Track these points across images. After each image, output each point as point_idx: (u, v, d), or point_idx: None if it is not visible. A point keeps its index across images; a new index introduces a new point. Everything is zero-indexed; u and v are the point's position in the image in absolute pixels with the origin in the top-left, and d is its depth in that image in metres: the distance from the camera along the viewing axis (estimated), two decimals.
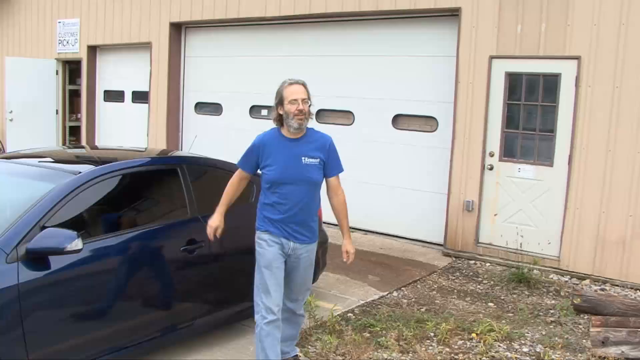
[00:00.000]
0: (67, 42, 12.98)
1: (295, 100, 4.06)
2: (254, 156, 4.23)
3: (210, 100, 11.07)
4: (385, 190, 8.79)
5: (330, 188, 4.32)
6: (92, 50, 12.76)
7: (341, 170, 4.34)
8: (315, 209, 4.29)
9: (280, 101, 4.14)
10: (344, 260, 4.34)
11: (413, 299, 6.26)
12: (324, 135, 4.31)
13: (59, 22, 13.09)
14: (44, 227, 3.75)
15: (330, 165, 4.23)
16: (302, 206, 4.15)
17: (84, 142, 12.96)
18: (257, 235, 4.27)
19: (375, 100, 8.76)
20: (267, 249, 4.16)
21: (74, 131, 13.68)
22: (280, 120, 4.19)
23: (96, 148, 8.14)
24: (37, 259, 3.68)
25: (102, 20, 12.25)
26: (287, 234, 4.15)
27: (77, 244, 3.68)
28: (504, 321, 5.62)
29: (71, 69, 13.54)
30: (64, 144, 13.43)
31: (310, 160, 4.13)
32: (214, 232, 4.29)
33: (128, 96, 12.49)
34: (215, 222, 4.29)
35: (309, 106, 4.14)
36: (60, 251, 3.63)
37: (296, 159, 4.11)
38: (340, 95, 9.17)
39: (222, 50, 10.73)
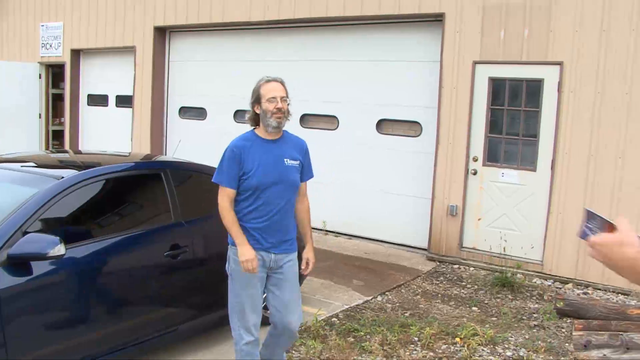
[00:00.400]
0: (51, 46, 12.89)
1: (273, 98, 3.85)
2: (236, 165, 3.84)
3: (194, 104, 11.04)
4: (370, 195, 8.81)
5: (300, 192, 4.08)
6: (76, 54, 12.68)
7: (312, 175, 4.17)
8: (293, 215, 4.06)
9: (257, 99, 3.92)
10: (302, 268, 4.07)
11: (397, 304, 6.28)
12: (299, 137, 4.17)
13: (42, 26, 13.01)
14: (26, 233, 3.73)
15: (305, 169, 4.06)
16: (285, 210, 3.90)
17: (67, 147, 12.87)
18: (230, 251, 3.97)
19: (360, 104, 8.78)
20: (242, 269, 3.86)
21: (57, 135, 13.58)
22: (256, 120, 3.95)
23: (79, 153, 8.10)
24: (18, 264, 3.65)
25: (85, 23, 12.18)
26: (268, 245, 3.87)
27: (60, 249, 3.66)
28: (487, 325, 5.65)
29: (54, 72, 13.44)
30: (47, 148, 13.33)
31: (292, 162, 3.92)
32: (254, 264, 3.79)
33: (112, 100, 12.42)
34: (251, 254, 3.78)
35: (288, 105, 3.94)
36: (42, 257, 3.60)
37: (278, 160, 3.87)
38: (325, 100, 9.19)
39: (207, 54, 10.72)
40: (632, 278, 1.54)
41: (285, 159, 3.90)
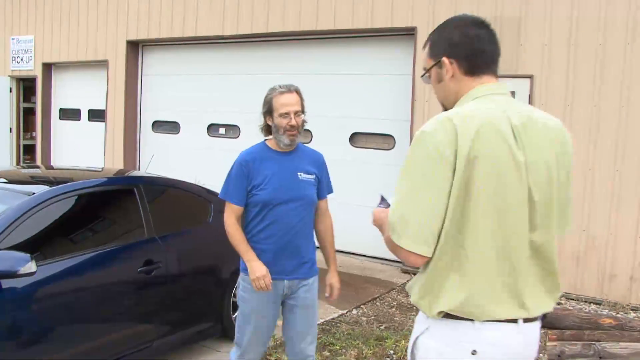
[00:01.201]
0: (22, 59, 12.76)
1: (286, 114, 3.46)
2: (244, 179, 3.52)
3: (167, 118, 10.99)
4: (344, 208, 8.81)
5: (319, 211, 3.73)
6: (47, 67, 12.56)
7: (332, 191, 3.80)
8: (312, 235, 3.65)
9: (269, 111, 3.55)
10: (326, 295, 3.72)
11: (372, 317, 6.28)
12: (315, 150, 3.77)
13: (13, 39, 12.87)
14: None
15: (323, 184, 3.67)
16: (298, 230, 3.51)
17: (39, 161, 12.71)
18: (241, 278, 3.63)
19: (333, 118, 8.81)
20: (252, 295, 3.52)
21: (29, 150, 13.41)
22: (268, 130, 3.61)
23: (51, 168, 8.02)
24: None
25: (57, 37, 12.09)
26: (279, 270, 3.49)
27: (31, 266, 3.61)
28: None
29: (25, 86, 13.29)
30: (18, 163, 13.15)
31: (307, 176, 3.55)
32: (267, 280, 3.41)
33: (84, 114, 12.32)
34: (262, 270, 3.41)
35: (303, 118, 3.58)
36: (12, 274, 3.55)
37: (291, 175, 3.51)
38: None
39: (180, 68, 10.69)
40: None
41: (299, 173, 3.54)
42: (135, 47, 11.12)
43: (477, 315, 1.98)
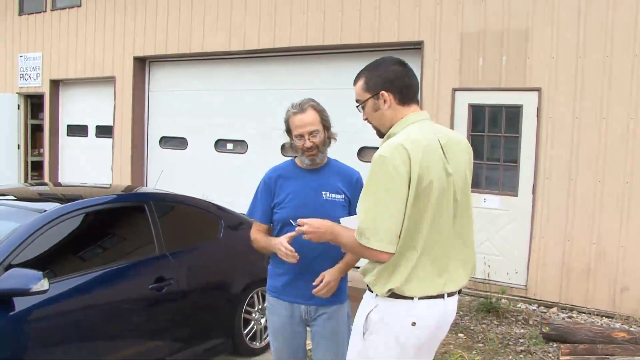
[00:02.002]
0: (29, 76, 12.84)
1: (301, 135, 3.31)
2: (268, 196, 3.41)
3: (175, 134, 11.02)
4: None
5: None
6: (55, 84, 12.63)
7: None
8: (339, 258, 3.27)
9: (288, 131, 3.42)
10: (314, 284, 3.19)
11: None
12: (351, 168, 3.53)
13: (21, 56, 12.96)
14: (9, 267, 3.67)
15: (354, 205, 3.14)
16: (320, 253, 3.21)
17: (46, 178, 12.75)
18: (266, 299, 3.57)
19: (340, 132, 8.70)
20: (274, 315, 3.41)
21: (37, 166, 13.46)
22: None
23: (59, 185, 8.03)
24: (0, 299, 3.58)
25: (64, 54, 12.16)
26: (296, 294, 3.30)
27: (43, 284, 3.60)
28: (474, 352, 5.63)
29: (33, 103, 13.36)
30: (25, 180, 13.19)
31: (333, 195, 3.30)
32: (284, 244, 3.13)
33: (92, 131, 12.36)
34: (277, 240, 3.21)
35: (326, 132, 3.40)
36: (25, 292, 3.55)
37: (315, 194, 3.30)
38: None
39: (187, 84, 10.73)
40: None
41: (324, 192, 3.31)
42: (142, 64, 11.17)
43: (417, 294, 2.57)
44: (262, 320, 5.50)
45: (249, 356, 5.37)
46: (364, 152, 8.63)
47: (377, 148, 2.64)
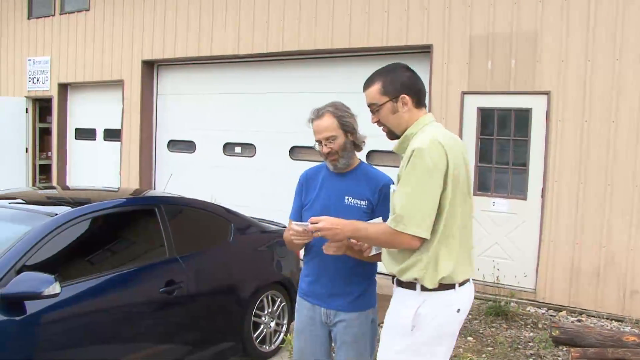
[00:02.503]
0: (38, 80, 12.89)
1: (319, 142, 3.30)
2: (299, 197, 3.45)
3: (183, 138, 11.04)
4: None
5: None
6: (63, 88, 12.68)
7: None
8: (360, 266, 3.24)
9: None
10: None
11: None
12: (381, 174, 3.37)
13: (29, 60, 13.02)
14: (20, 271, 3.68)
15: (379, 211, 3.17)
16: (338, 258, 3.15)
17: (54, 181, 12.79)
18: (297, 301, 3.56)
19: None
20: (298, 315, 3.43)
21: (45, 169, 13.51)
22: None
23: (67, 188, 8.04)
24: (12, 303, 3.59)
25: (73, 58, 12.21)
26: (316, 295, 3.32)
27: (55, 287, 3.61)
28: (484, 355, 5.62)
29: (41, 106, 13.41)
30: (34, 183, 13.24)
31: (355, 201, 3.23)
32: (291, 227, 3.15)
33: (100, 134, 12.40)
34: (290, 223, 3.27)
35: (348, 136, 3.29)
36: (37, 296, 3.55)
37: (338, 198, 3.26)
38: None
39: (195, 87, 10.75)
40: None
41: (347, 197, 3.25)
42: (150, 67, 11.21)
43: (459, 280, 2.79)
44: (272, 324, 5.51)
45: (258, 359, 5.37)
46: (372, 156, 8.62)
47: (387, 152, 2.74)
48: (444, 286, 2.76)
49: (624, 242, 6.69)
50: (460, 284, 2.82)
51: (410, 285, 2.80)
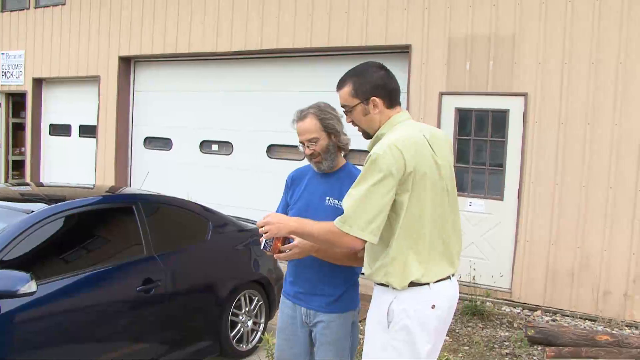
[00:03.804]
0: (11, 75, 12.70)
1: (302, 143, 3.30)
2: (286, 196, 3.47)
3: (160, 135, 10.95)
4: None
5: None
6: (38, 83, 12.51)
7: None
8: (339, 268, 3.21)
9: None
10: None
11: None
12: None
13: (3, 54, 12.82)
14: None
15: None
16: (315, 260, 3.16)
17: (28, 177, 12.61)
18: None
19: None
20: (280, 313, 3.43)
21: (18, 165, 13.32)
22: None
23: (42, 185, 7.92)
24: None
25: (48, 52, 12.05)
26: (295, 294, 3.32)
27: (31, 286, 3.58)
28: (460, 355, 5.66)
29: (15, 101, 13.22)
30: (6, 179, 13.04)
31: (336, 202, 3.21)
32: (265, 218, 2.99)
33: (75, 130, 12.26)
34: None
35: (331, 138, 3.26)
36: (12, 294, 3.51)
37: (319, 198, 3.27)
38: (292, 130, 9.18)
39: (172, 84, 10.67)
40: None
41: (327, 198, 3.26)
42: (127, 63, 11.10)
43: (432, 279, 2.76)
44: (249, 323, 5.49)
45: (236, 358, 5.34)
46: (350, 156, 8.61)
47: (363, 151, 2.71)
48: (416, 284, 2.74)
49: (598, 243, 6.78)
50: (436, 282, 2.79)
51: (379, 283, 2.83)
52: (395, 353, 2.77)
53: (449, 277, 2.86)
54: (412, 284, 2.73)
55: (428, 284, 2.76)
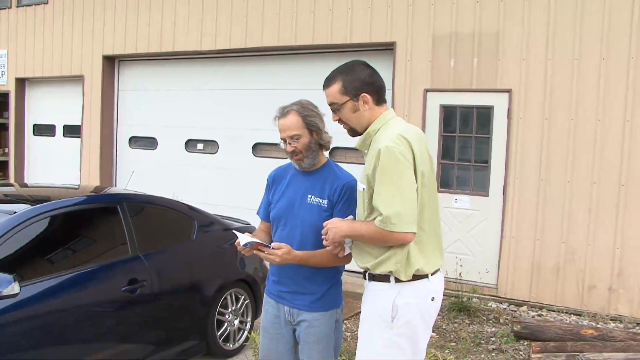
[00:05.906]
0: None
1: (283, 140, 3.28)
2: (267, 194, 3.45)
3: (145, 134, 10.90)
4: None
5: None
6: (21, 82, 12.40)
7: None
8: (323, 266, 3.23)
9: None
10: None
11: (356, 332, 6.25)
12: (344, 174, 3.31)
13: None
14: None
15: (339, 211, 3.16)
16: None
17: (11, 178, 12.50)
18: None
19: None
20: (264, 312, 3.42)
21: (1, 166, 13.17)
22: None
23: (26, 186, 7.86)
24: None
25: (31, 52, 11.94)
26: (279, 293, 3.31)
27: (14, 287, 3.56)
28: (447, 351, 5.68)
29: None
30: None
31: (317, 199, 3.21)
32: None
33: (59, 130, 12.16)
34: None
35: (313, 135, 3.26)
36: None
37: (302, 196, 3.25)
38: (277, 128, 9.17)
39: (157, 84, 10.62)
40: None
41: (309, 195, 3.24)
42: (111, 62, 11.03)
43: (430, 270, 2.84)
44: (236, 322, 5.48)
45: (223, 358, 5.34)
46: (336, 153, 8.63)
47: (350, 149, 2.76)
48: (417, 276, 2.81)
49: (582, 238, 6.83)
50: (433, 274, 2.87)
51: (383, 278, 2.83)
52: (399, 351, 2.81)
53: (439, 270, 2.95)
54: (414, 277, 2.80)
55: (427, 275, 2.83)
